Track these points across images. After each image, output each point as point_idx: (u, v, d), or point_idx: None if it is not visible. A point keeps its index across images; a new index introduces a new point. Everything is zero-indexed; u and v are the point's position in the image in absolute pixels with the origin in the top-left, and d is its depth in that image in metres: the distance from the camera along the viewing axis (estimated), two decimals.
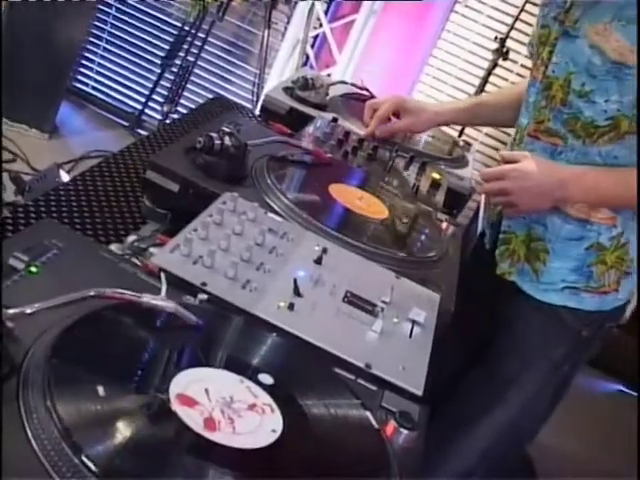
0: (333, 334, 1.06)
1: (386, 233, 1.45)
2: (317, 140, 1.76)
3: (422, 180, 1.83)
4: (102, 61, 4.69)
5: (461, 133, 3.51)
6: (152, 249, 1.21)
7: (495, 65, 3.49)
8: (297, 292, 1.11)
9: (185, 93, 4.36)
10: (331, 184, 1.51)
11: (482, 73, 3.67)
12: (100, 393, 0.77)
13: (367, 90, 2.31)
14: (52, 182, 3.18)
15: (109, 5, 4.52)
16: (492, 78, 3.66)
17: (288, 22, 4.14)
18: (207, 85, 4.52)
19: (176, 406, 0.80)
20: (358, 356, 1.04)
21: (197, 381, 0.86)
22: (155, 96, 4.46)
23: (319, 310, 1.10)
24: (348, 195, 1.50)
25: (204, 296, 1.03)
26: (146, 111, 4.52)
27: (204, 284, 1.05)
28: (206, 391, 0.85)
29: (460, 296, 1.42)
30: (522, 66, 3.81)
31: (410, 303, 1.21)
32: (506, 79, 3.87)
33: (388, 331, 1.12)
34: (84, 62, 4.71)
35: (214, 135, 1.38)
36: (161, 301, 0.93)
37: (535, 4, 3.52)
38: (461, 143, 2.31)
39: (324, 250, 1.25)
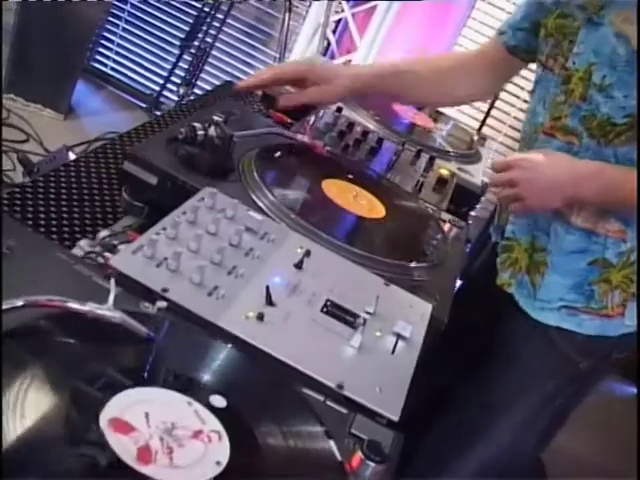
0: (304, 349, 0.97)
1: (380, 235, 1.36)
2: (317, 131, 1.66)
3: (429, 176, 1.73)
4: (121, 41, 4.62)
5: (481, 126, 3.38)
6: (121, 247, 1.14)
7: None
8: (269, 301, 1.02)
9: (204, 76, 4.28)
10: (325, 180, 1.42)
11: None
12: (25, 416, 0.68)
13: None
14: (61, 164, 3.12)
15: None
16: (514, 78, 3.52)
17: (310, 5, 4.03)
18: (226, 68, 4.44)
19: (108, 432, 0.71)
20: (330, 375, 0.94)
21: (138, 403, 0.77)
22: (174, 78, 4.38)
23: (292, 321, 1.01)
24: (342, 192, 1.40)
25: (163, 304, 0.94)
26: (164, 93, 4.44)
27: (165, 290, 0.96)
28: (146, 415, 0.76)
29: (460, 306, 1.33)
30: None
31: (397, 314, 1.11)
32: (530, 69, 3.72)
33: (368, 346, 1.03)
34: (103, 42, 4.64)
35: (197, 125, 1.29)
36: (106, 311, 0.84)
37: None
38: (475, 137, 2.20)
39: (307, 253, 1.16)
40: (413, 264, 1.29)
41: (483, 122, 3.42)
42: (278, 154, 1.44)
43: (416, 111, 2.12)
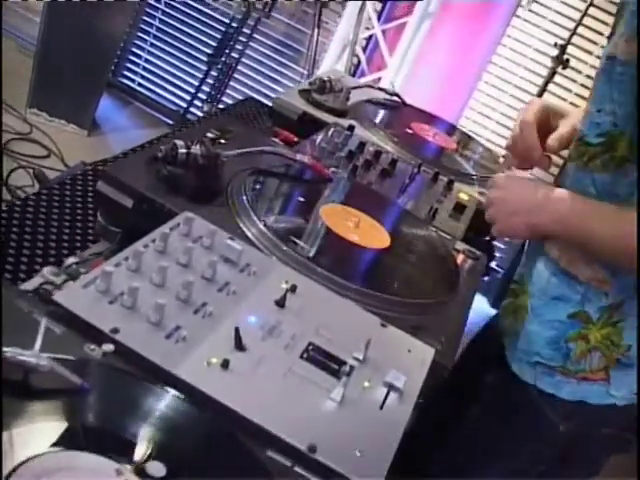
0: (272, 403, 0.84)
1: (381, 267, 1.22)
2: (323, 151, 1.53)
3: (445, 201, 1.59)
4: (149, 57, 4.56)
5: None
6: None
7: (554, 74, 3.20)
8: (239, 345, 0.89)
9: (232, 92, 4.19)
10: (324, 205, 1.28)
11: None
12: None
13: (397, 96, 2.07)
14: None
15: (158, 0, 4.38)
16: (553, 88, 3.38)
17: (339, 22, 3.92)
18: (254, 85, 4.34)
19: None
20: (301, 435, 0.81)
21: (55, 471, 0.64)
22: (201, 94, 4.29)
23: (263, 369, 0.88)
24: (342, 219, 1.27)
25: (110, 346, 0.81)
26: (191, 109, 4.36)
27: (115, 330, 0.84)
28: None
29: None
30: (587, 77, 3.50)
31: (392, 361, 0.97)
32: (569, 89, 3.57)
33: (352, 399, 0.89)
34: (131, 57, 4.58)
35: (179, 143, 1.16)
36: (31, 357, 0.72)
37: (599, 8, 3.23)
38: (501, 159, 2.05)
39: (292, 288, 1.02)
40: (417, 301, 1.15)
41: None
42: (272, 176, 1.31)
43: (437, 131, 1.98)
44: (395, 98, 2.09)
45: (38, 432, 0.69)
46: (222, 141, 1.37)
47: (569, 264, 1.22)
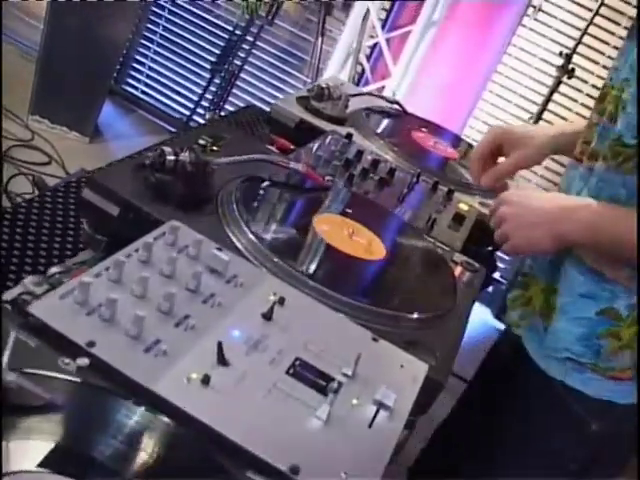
0: (255, 421, 0.80)
1: (375, 279, 1.18)
2: (319, 159, 1.50)
3: (445, 211, 1.55)
4: (153, 64, 4.54)
5: None
6: None
7: (559, 83, 3.16)
8: (221, 359, 0.85)
9: (235, 100, 4.17)
10: (318, 215, 1.25)
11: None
12: None
13: (398, 104, 2.03)
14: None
15: (162, 7, 4.36)
16: (558, 98, 3.34)
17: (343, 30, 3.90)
18: (257, 93, 4.32)
19: None
20: (283, 455, 0.77)
21: None
22: (204, 102, 4.27)
23: (247, 385, 0.84)
24: (336, 229, 1.23)
25: (85, 360, 0.78)
26: (194, 117, 4.34)
27: (91, 344, 0.80)
28: None
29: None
30: (593, 87, 3.46)
31: (383, 377, 0.94)
32: (575, 100, 3.53)
33: (340, 418, 0.85)
34: (135, 65, 4.57)
35: (167, 149, 1.13)
36: None
37: (606, 17, 3.20)
38: None
39: (280, 301, 0.99)
40: (411, 315, 1.11)
41: None
42: (265, 184, 1.28)
43: (438, 140, 1.94)
44: (395, 106, 2.05)
45: (26, 450, 0.66)
46: (214, 148, 1.34)
47: (595, 261, 1.22)
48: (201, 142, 1.32)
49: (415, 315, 1.12)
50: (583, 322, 1.24)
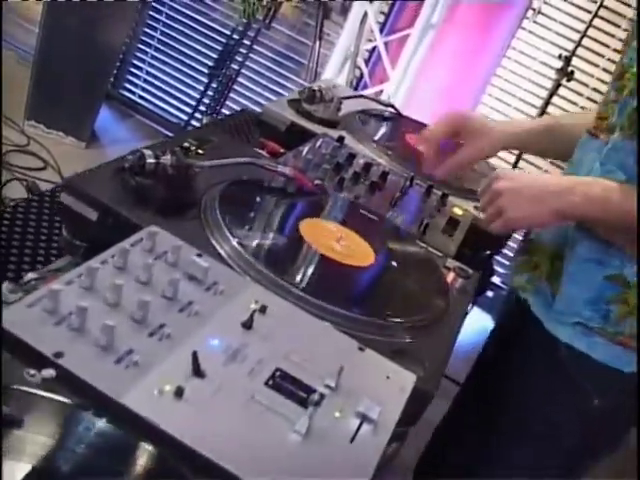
0: (230, 435, 0.76)
1: (363, 287, 1.14)
2: (309, 163, 1.46)
3: (438, 216, 1.51)
4: (150, 69, 4.51)
5: (516, 164, 3.15)
6: None
7: (558, 86, 3.12)
8: (197, 370, 0.82)
9: (233, 105, 4.14)
10: (304, 219, 1.21)
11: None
12: None
13: (392, 107, 1.99)
14: None
15: (159, 12, 4.34)
16: (558, 101, 3.31)
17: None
18: (255, 97, 4.28)
19: None
20: (259, 471, 0.73)
21: None
22: (202, 107, 4.24)
23: (223, 397, 0.80)
24: (323, 234, 1.20)
25: (51, 372, 0.74)
26: (192, 122, 4.31)
27: (58, 355, 0.76)
28: None
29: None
30: (594, 90, 3.43)
31: (367, 388, 0.90)
32: (575, 103, 3.50)
33: (320, 431, 0.81)
34: (133, 70, 4.54)
35: (147, 152, 1.10)
36: None
37: (604, 19, 3.17)
38: None
39: (262, 309, 0.95)
40: (400, 323, 1.07)
41: (519, 157, 3.20)
42: (251, 188, 1.24)
43: None
44: (390, 109, 2.02)
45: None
46: (200, 151, 1.30)
47: (605, 233, 1.22)
48: (186, 145, 1.29)
49: (404, 323, 1.08)
50: (591, 285, 1.24)
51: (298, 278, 1.07)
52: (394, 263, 1.23)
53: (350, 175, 1.48)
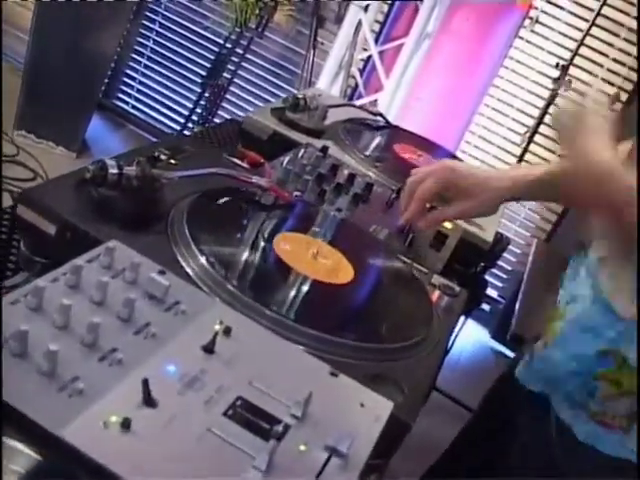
0: (181, 472, 0.69)
1: (339, 306, 1.08)
2: (289, 173, 1.39)
3: (425, 230, 1.44)
4: (143, 79, 4.46)
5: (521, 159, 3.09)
6: None
7: (555, 95, 3.06)
8: (148, 400, 0.75)
9: (225, 114, 4.08)
10: (280, 234, 1.14)
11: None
12: None
13: (381, 116, 1.93)
14: None
15: (153, 21, 4.29)
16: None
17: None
18: (247, 107, 4.23)
19: None
20: None
21: None
22: (195, 116, 4.18)
23: (176, 430, 0.73)
24: (299, 250, 1.13)
25: None
26: (185, 132, 4.25)
27: None
28: None
29: None
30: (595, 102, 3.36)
31: (338, 418, 0.83)
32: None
33: (283, 467, 0.74)
34: (125, 79, 4.49)
35: (109, 162, 1.03)
36: None
37: (602, 28, 3.12)
38: None
39: (226, 331, 0.88)
40: (378, 345, 1.01)
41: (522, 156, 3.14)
42: (223, 201, 1.18)
43: (422, 154, 1.84)
44: (379, 118, 1.95)
45: None
46: (172, 162, 1.24)
47: (611, 295, 1.10)
48: (157, 155, 1.22)
49: (382, 345, 1.01)
50: (581, 357, 1.14)
51: (268, 297, 1.00)
52: (375, 280, 1.16)
53: (332, 187, 1.41)
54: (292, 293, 1.05)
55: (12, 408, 0.68)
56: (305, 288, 1.06)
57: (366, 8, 3.62)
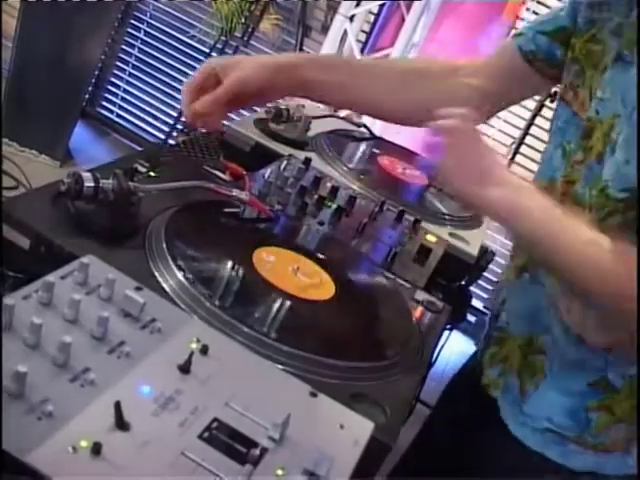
0: None
1: (320, 323, 1.06)
2: (270, 186, 1.37)
3: (408, 244, 1.42)
4: (128, 87, 4.44)
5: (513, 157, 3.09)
6: None
7: (542, 107, 3.06)
8: (119, 422, 0.72)
9: None
10: (259, 248, 1.12)
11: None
12: None
13: (365, 127, 1.92)
14: None
15: (138, 29, 4.27)
16: (541, 122, 3.25)
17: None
18: (234, 116, 4.20)
19: None
20: None
21: None
22: (180, 125, 4.16)
23: (148, 454, 0.71)
24: (279, 265, 1.11)
25: None
26: (170, 141, 4.22)
27: None
28: None
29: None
30: None
31: (317, 440, 0.81)
32: None
33: None
34: (110, 88, 4.46)
35: (85, 175, 1.01)
36: None
37: None
38: None
39: (203, 349, 0.86)
40: (359, 364, 0.99)
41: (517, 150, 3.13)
42: (201, 215, 1.15)
43: (407, 166, 1.82)
44: (363, 129, 1.94)
45: None
46: (152, 174, 1.22)
47: (581, 330, 1.08)
48: (135, 167, 1.20)
49: (363, 364, 0.99)
50: (573, 393, 1.12)
51: (246, 314, 0.98)
52: (356, 296, 1.14)
53: (314, 200, 1.39)
54: (271, 310, 1.03)
55: None
56: (285, 305, 1.04)
57: (352, 18, 3.61)
